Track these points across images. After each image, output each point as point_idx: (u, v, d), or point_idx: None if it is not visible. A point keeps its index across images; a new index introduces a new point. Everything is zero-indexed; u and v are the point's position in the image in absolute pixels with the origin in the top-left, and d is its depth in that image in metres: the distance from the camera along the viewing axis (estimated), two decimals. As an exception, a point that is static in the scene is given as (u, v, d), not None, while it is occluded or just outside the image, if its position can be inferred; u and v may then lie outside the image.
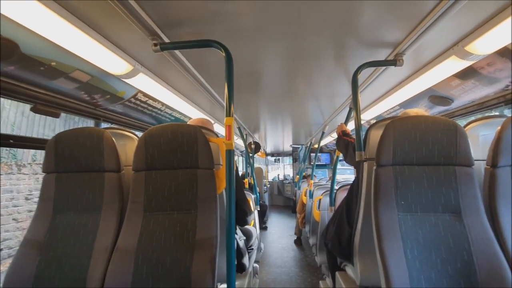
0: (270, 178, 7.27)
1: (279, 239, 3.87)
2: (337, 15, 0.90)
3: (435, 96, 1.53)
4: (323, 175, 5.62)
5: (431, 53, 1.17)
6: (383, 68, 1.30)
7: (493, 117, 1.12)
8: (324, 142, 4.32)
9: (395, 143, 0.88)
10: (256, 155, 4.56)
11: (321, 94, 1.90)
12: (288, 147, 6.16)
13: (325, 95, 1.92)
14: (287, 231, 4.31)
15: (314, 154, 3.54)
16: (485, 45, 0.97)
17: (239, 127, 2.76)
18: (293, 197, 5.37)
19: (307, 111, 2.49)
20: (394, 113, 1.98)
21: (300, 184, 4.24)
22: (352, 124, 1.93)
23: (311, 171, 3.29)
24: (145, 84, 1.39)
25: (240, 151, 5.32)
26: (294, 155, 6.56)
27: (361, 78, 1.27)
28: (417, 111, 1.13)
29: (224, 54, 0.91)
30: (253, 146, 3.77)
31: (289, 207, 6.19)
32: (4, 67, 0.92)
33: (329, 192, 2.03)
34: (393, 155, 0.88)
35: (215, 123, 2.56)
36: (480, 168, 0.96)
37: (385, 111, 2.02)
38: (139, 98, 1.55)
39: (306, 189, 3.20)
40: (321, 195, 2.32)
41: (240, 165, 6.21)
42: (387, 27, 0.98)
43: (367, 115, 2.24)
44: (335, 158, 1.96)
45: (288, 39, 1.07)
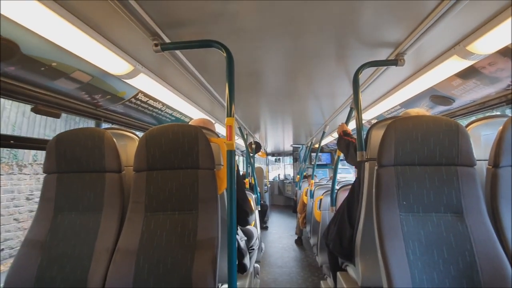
0: (270, 178, 7.26)
1: (279, 239, 3.86)
2: (338, 15, 0.90)
3: (436, 96, 1.52)
4: (323, 175, 5.62)
5: (433, 52, 1.16)
6: (384, 67, 1.30)
7: (494, 116, 1.12)
8: (324, 141, 4.31)
9: (396, 143, 0.87)
10: (256, 155, 4.56)
11: (321, 93, 1.90)
12: (288, 147, 6.16)
13: (325, 94, 1.92)
14: (287, 231, 4.30)
15: (315, 154, 3.53)
16: (487, 44, 0.96)
17: (239, 127, 2.76)
18: (293, 197, 5.37)
19: (307, 110, 2.49)
20: (395, 113, 1.97)
21: (300, 184, 4.24)
22: (353, 123, 1.93)
23: (312, 171, 3.29)
24: (145, 84, 1.39)
25: (241, 151, 5.32)
26: (294, 155, 6.56)
27: (362, 77, 1.26)
28: (418, 111, 1.12)
29: (225, 54, 0.91)
30: (253, 146, 3.77)
31: (290, 207, 6.19)
32: (5, 68, 0.92)
33: (330, 192, 2.02)
34: (395, 155, 0.87)
35: (215, 123, 2.56)
36: (482, 168, 0.96)
37: (386, 110, 2.02)
38: (139, 98, 1.55)
39: (307, 189, 3.19)
40: (322, 195, 2.32)
41: (240, 165, 6.21)
42: (388, 27, 0.97)
43: (368, 115, 2.24)
44: (336, 158, 1.96)
45: (289, 39, 1.07)
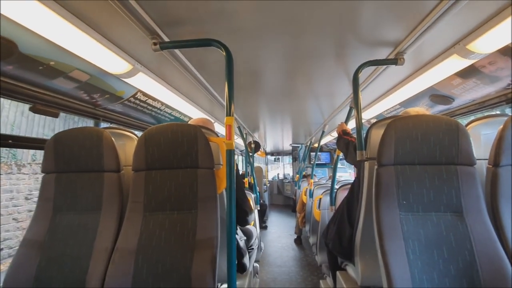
0: (270, 177, 7.26)
1: (279, 238, 3.86)
2: (338, 14, 0.89)
3: (436, 95, 1.52)
4: (323, 174, 5.62)
5: (432, 52, 1.16)
6: (383, 67, 1.29)
7: (494, 116, 1.12)
8: (324, 141, 4.31)
9: (396, 142, 0.87)
10: (256, 154, 4.55)
11: (321, 93, 1.89)
12: (288, 146, 6.16)
13: (325, 94, 1.92)
14: (287, 230, 4.30)
15: (314, 153, 3.53)
16: (487, 43, 0.96)
17: (239, 126, 2.75)
18: (293, 196, 5.37)
19: (307, 110, 2.49)
20: (395, 112, 1.97)
21: (300, 183, 4.24)
22: (352, 123, 1.93)
23: (311, 170, 3.29)
24: (144, 83, 1.39)
25: (240, 150, 5.31)
26: (294, 154, 6.56)
27: (361, 77, 1.26)
28: (418, 110, 1.12)
29: (224, 53, 0.90)
30: (253, 146, 3.77)
31: (289, 206, 6.19)
32: (3, 67, 0.92)
33: (329, 191, 2.02)
34: (394, 154, 0.87)
35: (215, 123, 2.56)
36: (482, 168, 0.96)
37: (385, 110, 2.02)
38: (138, 97, 1.54)
39: (306, 188, 3.19)
40: (321, 194, 2.31)
41: (240, 164, 6.21)
42: (388, 26, 0.97)
43: (367, 114, 2.24)
44: (335, 157, 1.96)
45: (288, 38, 1.06)
